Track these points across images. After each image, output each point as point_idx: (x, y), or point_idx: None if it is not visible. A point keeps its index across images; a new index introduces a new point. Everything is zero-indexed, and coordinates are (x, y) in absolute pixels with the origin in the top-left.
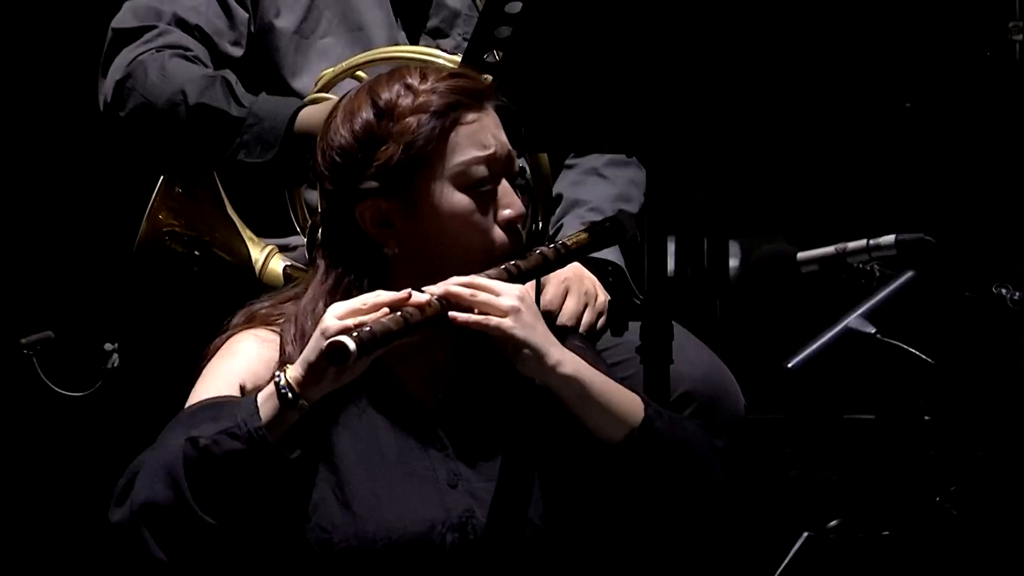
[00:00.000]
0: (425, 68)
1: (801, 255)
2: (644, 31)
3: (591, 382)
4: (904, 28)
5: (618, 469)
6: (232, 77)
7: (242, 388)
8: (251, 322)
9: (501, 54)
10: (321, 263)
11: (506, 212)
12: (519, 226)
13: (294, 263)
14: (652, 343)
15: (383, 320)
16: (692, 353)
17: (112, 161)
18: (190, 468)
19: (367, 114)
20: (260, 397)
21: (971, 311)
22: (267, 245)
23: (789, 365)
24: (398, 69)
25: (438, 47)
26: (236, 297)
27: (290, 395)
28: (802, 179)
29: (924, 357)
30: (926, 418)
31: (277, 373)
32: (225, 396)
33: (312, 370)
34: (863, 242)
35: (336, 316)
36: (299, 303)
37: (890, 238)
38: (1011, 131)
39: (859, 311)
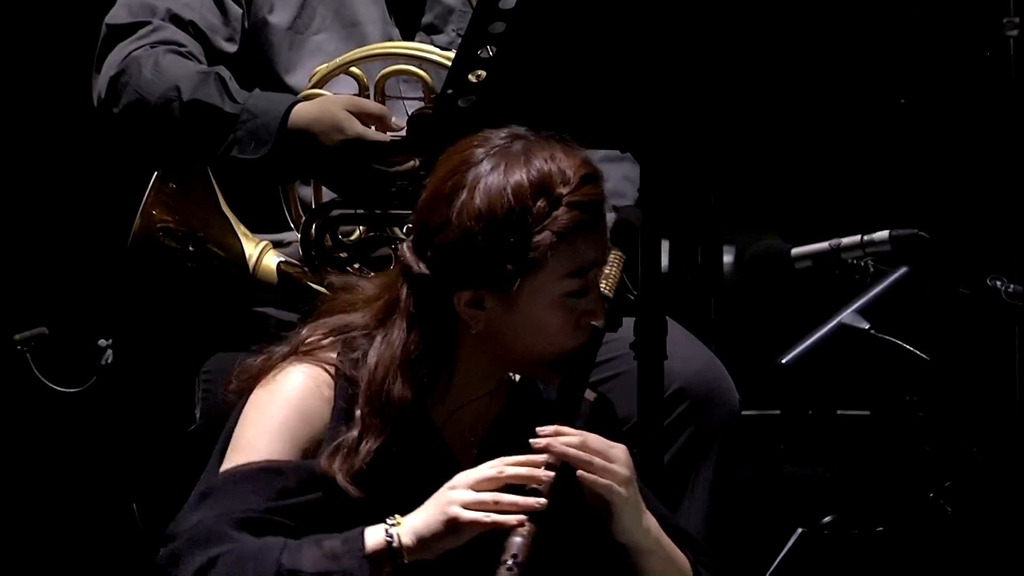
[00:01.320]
0: (555, 157)
1: (795, 251)
2: (638, 27)
3: (663, 549)
4: (898, 24)
5: None
6: (226, 73)
7: (295, 447)
8: (308, 353)
9: (495, 49)
10: (402, 318)
11: (591, 315)
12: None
13: (288, 259)
14: (646, 339)
15: (520, 541)
16: (686, 349)
17: (106, 157)
18: None
19: (500, 208)
20: (368, 546)
21: (965, 306)
22: (261, 241)
23: (783, 361)
24: (534, 147)
25: (432, 43)
26: (230, 293)
27: (399, 559)
28: (796, 175)
29: (918, 353)
30: (920, 414)
31: (391, 532)
32: (282, 464)
33: (426, 545)
34: (857, 238)
35: (465, 505)
36: (371, 343)
37: (884, 234)
38: (1005, 126)
39: (853, 307)
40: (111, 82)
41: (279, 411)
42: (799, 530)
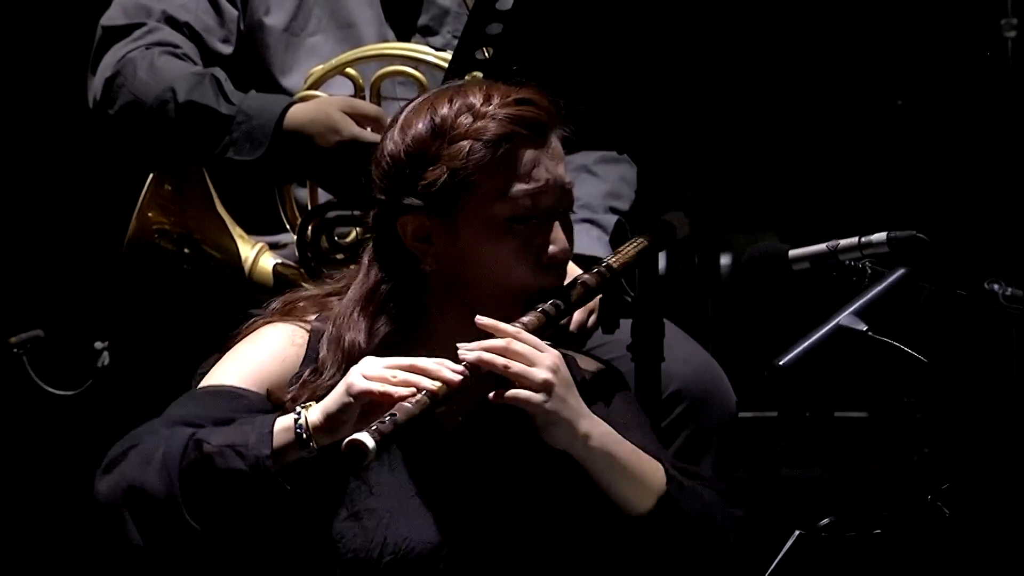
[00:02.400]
0: (492, 88)
1: (792, 252)
2: (635, 28)
3: (619, 455)
4: (896, 26)
5: (640, 538)
6: (221, 74)
7: (260, 384)
8: (288, 314)
9: (492, 51)
10: (364, 265)
11: (549, 249)
12: (562, 263)
13: (284, 261)
14: (643, 341)
15: (407, 405)
16: (683, 351)
17: (101, 159)
18: (187, 469)
19: (422, 128)
20: (277, 425)
21: (963, 309)
22: (257, 243)
23: (780, 363)
24: (465, 86)
25: (427, 45)
26: (226, 295)
27: (304, 436)
28: (794, 177)
29: (916, 355)
30: (918, 416)
31: (299, 410)
32: (243, 390)
33: (332, 421)
34: (855, 239)
35: (364, 374)
36: (340, 301)
37: (882, 235)
38: (1004, 127)
39: (851, 308)
40: (107, 84)
41: (251, 352)
42: (796, 532)
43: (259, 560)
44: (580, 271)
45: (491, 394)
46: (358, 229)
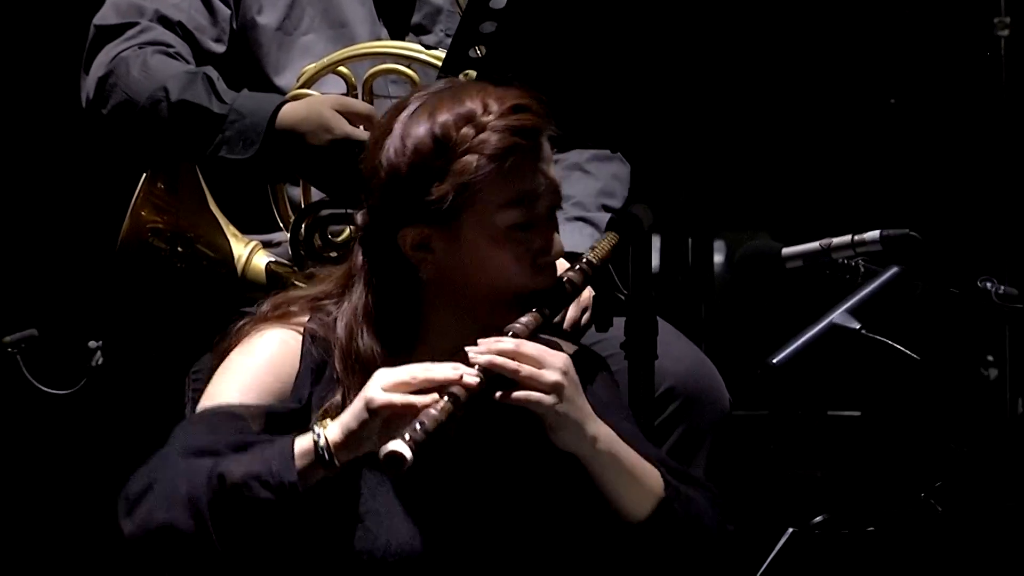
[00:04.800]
0: (486, 94)
1: (786, 251)
2: (629, 26)
3: (624, 458)
4: (889, 24)
5: (635, 542)
6: (214, 73)
7: (260, 396)
8: (280, 317)
9: (485, 49)
10: (360, 272)
11: (545, 255)
12: (555, 265)
13: (278, 259)
14: (637, 339)
15: (433, 412)
16: (677, 349)
17: (95, 158)
18: (214, 504)
19: (425, 141)
20: (297, 447)
21: (956, 307)
22: (250, 241)
23: (774, 361)
24: (459, 90)
25: (420, 43)
26: (219, 294)
27: (327, 456)
28: (787, 175)
29: (909, 353)
30: (911, 414)
31: (317, 429)
32: (246, 408)
33: (352, 438)
34: (848, 238)
35: (383, 387)
36: (339, 308)
37: (875, 233)
38: (997, 126)
39: (844, 307)
40: (99, 83)
41: (247, 364)
42: (790, 530)
43: (275, 565)
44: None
45: (498, 394)
46: (351, 227)
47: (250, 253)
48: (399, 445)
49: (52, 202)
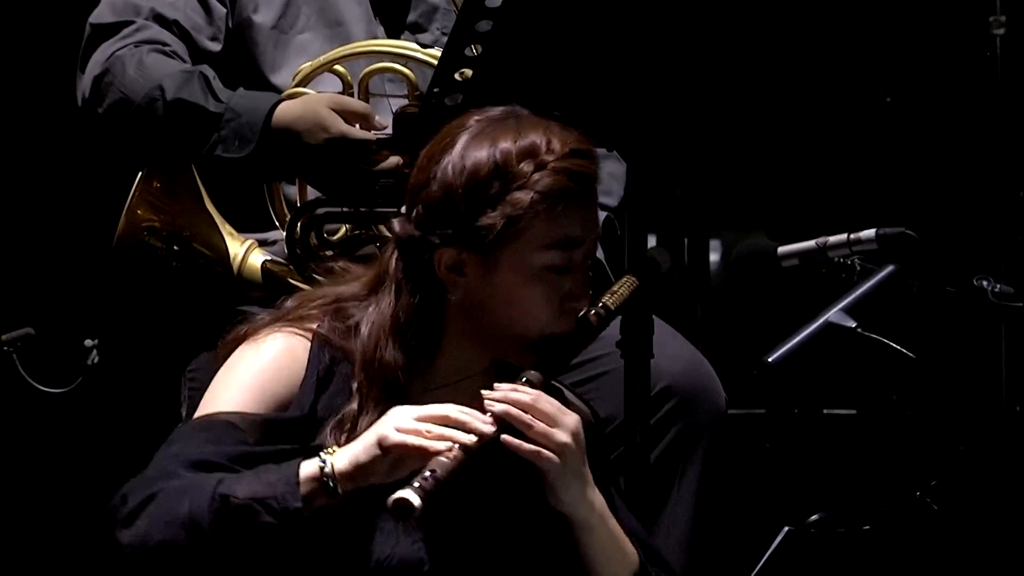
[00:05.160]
0: (550, 131)
1: (782, 249)
2: (625, 25)
3: (611, 529)
4: (885, 23)
5: None
6: (210, 72)
7: (262, 404)
8: (293, 321)
9: (481, 48)
10: (393, 284)
11: (574, 300)
12: (579, 313)
13: (273, 258)
14: (632, 338)
15: (444, 460)
16: (672, 348)
17: (90, 157)
18: (216, 525)
19: (485, 166)
20: (302, 473)
21: (952, 306)
22: (246, 240)
23: (770, 360)
24: (524, 121)
25: (416, 42)
26: (215, 292)
27: (331, 485)
28: (783, 174)
29: (905, 351)
30: (907, 413)
31: (324, 457)
32: (247, 418)
33: (360, 471)
34: (844, 236)
35: (396, 427)
36: (362, 313)
37: (871, 232)
38: (992, 125)
39: (840, 305)
40: (95, 82)
41: (250, 369)
42: (785, 529)
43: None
44: None
45: (504, 438)
46: (347, 226)
47: (246, 252)
48: (409, 493)
49: (48, 201)
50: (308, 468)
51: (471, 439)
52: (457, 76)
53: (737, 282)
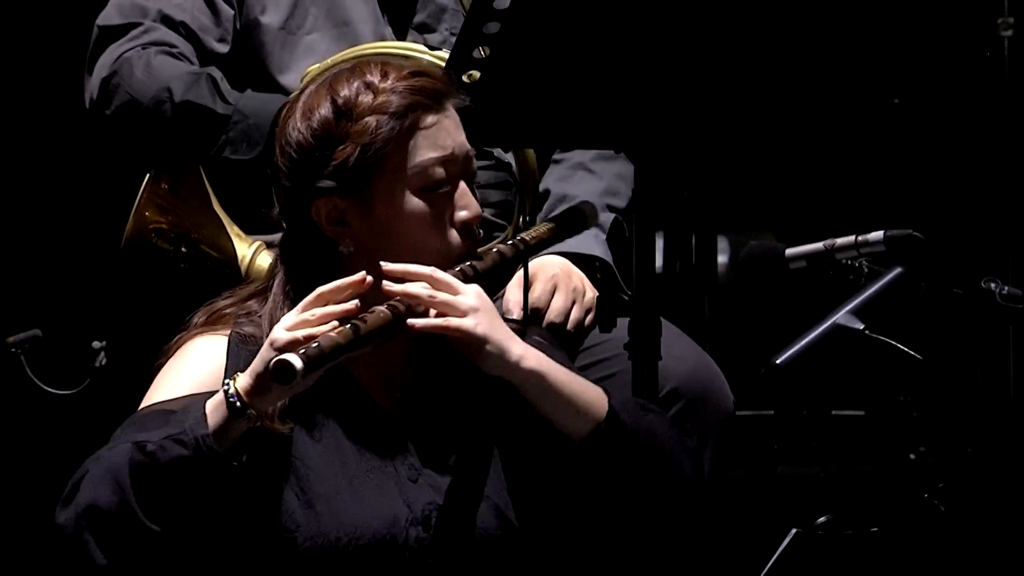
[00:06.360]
0: (386, 65)
1: (789, 251)
2: (632, 26)
3: (555, 377)
4: (892, 23)
5: (584, 464)
6: (218, 74)
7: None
8: (212, 324)
9: (489, 50)
10: (280, 258)
11: (462, 214)
12: (475, 228)
13: None
14: (640, 339)
15: (332, 335)
16: (680, 349)
17: (98, 159)
18: (135, 473)
19: (325, 111)
20: (209, 404)
21: (960, 308)
22: (254, 241)
23: (777, 361)
24: (358, 65)
25: (424, 42)
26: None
27: (238, 404)
28: (791, 175)
29: (913, 353)
30: (914, 414)
31: (226, 381)
32: (177, 399)
33: (260, 381)
34: (851, 238)
35: (285, 328)
36: (263, 302)
37: (879, 234)
38: (1000, 126)
39: (847, 307)
40: (103, 84)
41: (171, 375)
42: (793, 530)
43: (219, 558)
44: (577, 270)
45: (410, 320)
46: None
47: (253, 253)
48: (290, 355)
49: (56, 202)
50: (214, 398)
51: (351, 305)
52: (465, 78)
53: (745, 284)
